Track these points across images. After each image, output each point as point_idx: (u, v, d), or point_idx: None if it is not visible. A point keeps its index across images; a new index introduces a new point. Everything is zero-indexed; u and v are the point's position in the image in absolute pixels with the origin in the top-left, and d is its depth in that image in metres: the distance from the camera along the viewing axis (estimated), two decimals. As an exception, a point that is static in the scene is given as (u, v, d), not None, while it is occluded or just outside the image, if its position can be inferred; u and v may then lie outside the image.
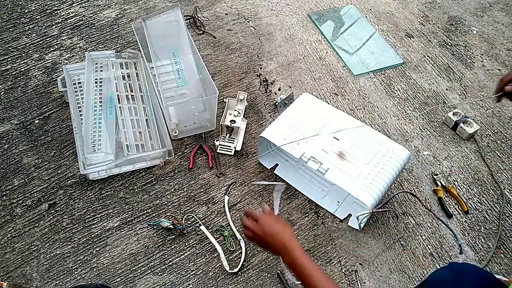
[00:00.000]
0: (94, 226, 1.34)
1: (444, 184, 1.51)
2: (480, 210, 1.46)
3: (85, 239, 1.31)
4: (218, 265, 1.28)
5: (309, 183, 1.47)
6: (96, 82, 1.58)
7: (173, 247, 1.31)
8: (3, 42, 1.82)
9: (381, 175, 1.29)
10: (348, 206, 1.41)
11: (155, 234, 1.33)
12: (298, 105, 1.49)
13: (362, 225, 1.36)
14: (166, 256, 1.29)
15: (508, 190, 1.52)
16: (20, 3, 1.99)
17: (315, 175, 1.45)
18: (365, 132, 1.40)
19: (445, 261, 1.34)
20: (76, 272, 1.24)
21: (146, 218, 1.36)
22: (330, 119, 1.43)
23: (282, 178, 1.49)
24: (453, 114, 1.69)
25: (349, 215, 1.40)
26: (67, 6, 1.99)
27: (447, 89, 1.85)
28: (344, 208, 1.41)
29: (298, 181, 1.48)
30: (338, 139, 1.37)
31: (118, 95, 1.53)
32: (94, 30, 1.91)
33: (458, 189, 1.52)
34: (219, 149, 1.54)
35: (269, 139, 1.37)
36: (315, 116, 1.44)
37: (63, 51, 1.81)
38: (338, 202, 1.43)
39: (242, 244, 1.32)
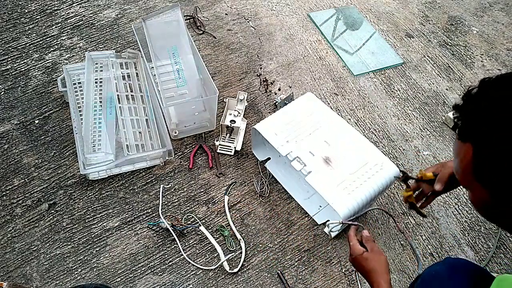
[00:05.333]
0: (94, 226, 1.34)
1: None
2: (480, 210, 1.46)
3: (85, 239, 1.31)
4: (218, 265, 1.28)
5: (296, 183, 1.47)
6: (96, 82, 1.58)
7: (173, 247, 1.31)
8: (3, 42, 1.82)
9: (362, 188, 1.24)
10: (328, 213, 1.39)
11: (155, 234, 1.33)
12: (298, 104, 1.47)
13: (333, 234, 1.34)
14: (166, 256, 1.29)
15: (508, 190, 1.52)
16: (20, 3, 1.99)
17: (300, 176, 1.44)
18: (358, 141, 1.36)
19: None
20: (76, 272, 1.24)
21: (146, 218, 1.37)
22: (325, 123, 1.40)
23: (271, 173, 1.48)
24: (453, 114, 1.68)
25: (328, 221, 1.38)
26: (67, 6, 1.99)
27: (447, 89, 1.86)
28: (323, 214, 1.39)
29: (286, 179, 1.47)
30: (329, 144, 1.35)
31: (118, 95, 1.53)
32: (94, 30, 1.91)
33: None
34: (219, 149, 1.54)
35: (260, 132, 1.36)
36: (311, 118, 1.42)
37: (63, 51, 1.81)
38: (320, 206, 1.41)
39: (242, 244, 1.32)
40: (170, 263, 1.28)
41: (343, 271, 1.30)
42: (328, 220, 1.37)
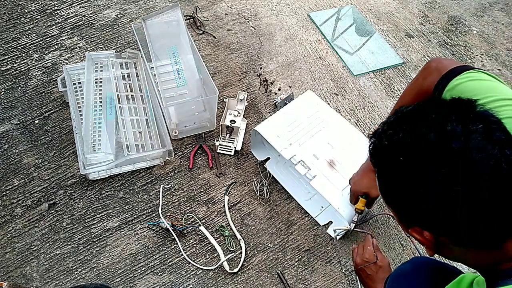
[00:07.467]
0: (94, 226, 1.34)
1: None
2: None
3: (85, 239, 1.31)
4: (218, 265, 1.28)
5: (297, 183, 1.46)
6: (96, 82, 1.58)
7: (173, 247, 1.31)
8: (3, 42, 1.82)
9: None
10: (330, 214, 1.38)
11: (155, 234, 1.33)
12: (299, 103, 1.46)
13: (338, 237, 1.34)
14: (166, 256, 1.29)
15: (508, 190, 1.51)
16: (20, 3, 1.99)
17: (303, 178, 1.43)
18: (361, 142, 1.35)
19: (445, 261, 1.34)
20: (76, 272, 1.25)
21: (146, 218, 1.37)
22: (328, 124, 1.40)
23: (271, 173, 1.48)
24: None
25: (330, 222, 1.38)
26: (67, 6, 1.99)
27: (447, 89, 1.85)
28: (326, 215, 1.39)
29: (286, 179, 1.46)
30: (332, 146, 1.34)
31: (118, 95, 1.53)
32: (94, 30, 1.90)
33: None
34: (219, 149, 1.54)
35: (262, 134, 1.36)
36: (314, 118, 1.41)
37: (63, 51, 1.81)
38: (322, 207, 1.40)
39: (242, 244, 1.32)
40: (170, 263, 1.28)
41: (343, 271, 1.30)
42: (331, 222, 1.37)
